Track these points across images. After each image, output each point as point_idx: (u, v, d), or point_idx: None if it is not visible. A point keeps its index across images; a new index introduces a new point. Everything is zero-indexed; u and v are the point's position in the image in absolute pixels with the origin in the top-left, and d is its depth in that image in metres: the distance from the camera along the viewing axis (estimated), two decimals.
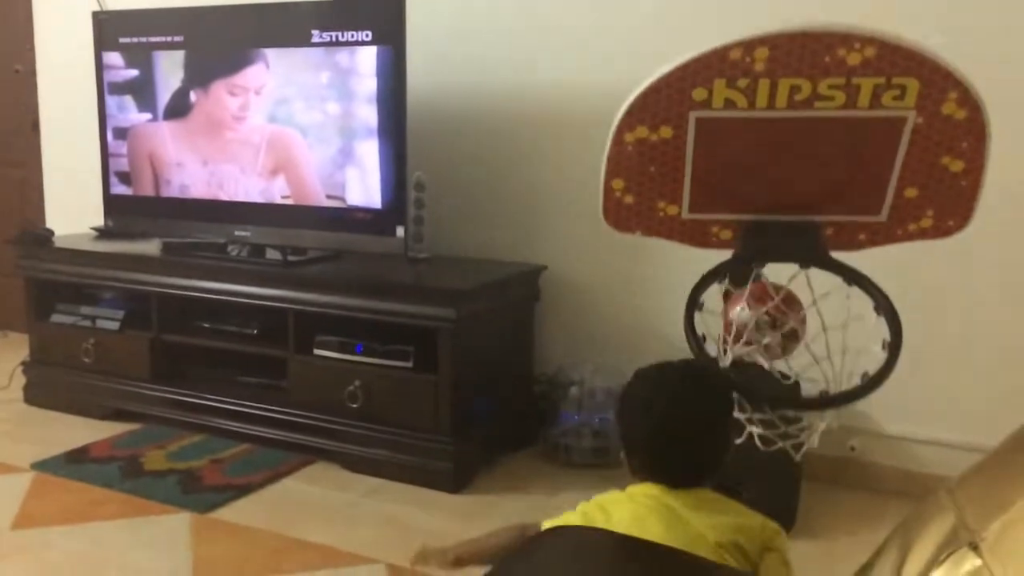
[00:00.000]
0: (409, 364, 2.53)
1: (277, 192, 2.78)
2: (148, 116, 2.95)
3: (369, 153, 2.61)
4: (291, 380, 2.69)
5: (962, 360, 2.38)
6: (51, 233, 3.21)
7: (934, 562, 0.71)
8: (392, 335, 2.56)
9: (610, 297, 2.81)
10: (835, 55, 1.27)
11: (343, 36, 2.60)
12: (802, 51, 1.28)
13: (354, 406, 2.57)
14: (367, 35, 2.57)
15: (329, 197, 2.69)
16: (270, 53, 2.71)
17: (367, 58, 2.57)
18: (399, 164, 2.57)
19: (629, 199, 1.56)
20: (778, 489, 2.15)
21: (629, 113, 1.42)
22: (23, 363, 3.16)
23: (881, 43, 1.25)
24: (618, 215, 1.61)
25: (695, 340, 1.53)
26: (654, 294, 2.74)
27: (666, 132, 1.42)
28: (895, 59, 1.27)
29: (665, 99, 1.38)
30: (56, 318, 3.10)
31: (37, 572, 2.00)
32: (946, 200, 1.46)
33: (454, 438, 2.47)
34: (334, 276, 2.67)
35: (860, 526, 2.27)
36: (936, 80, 1.29)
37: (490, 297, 2.64)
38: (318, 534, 2.19)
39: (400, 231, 2.60)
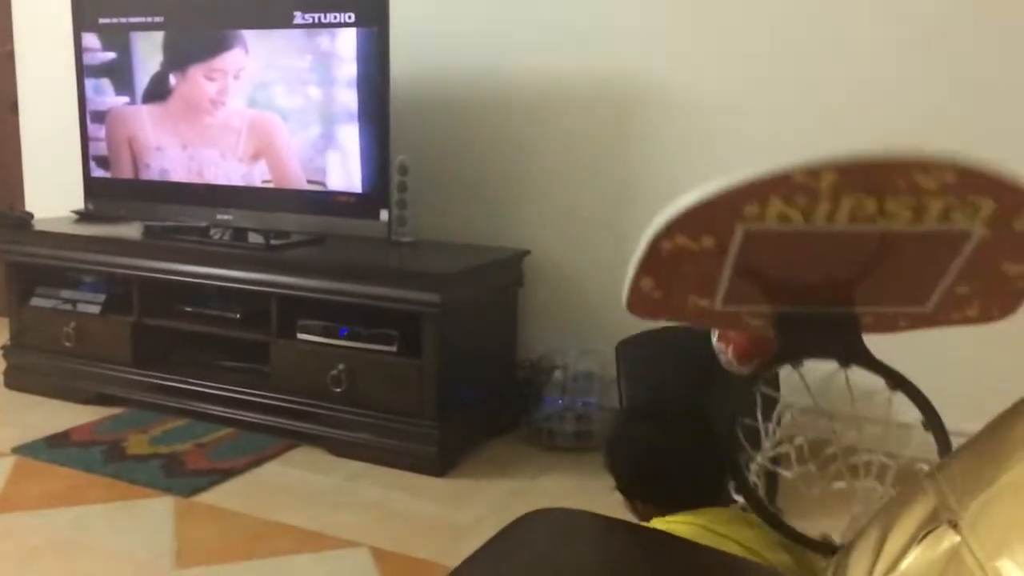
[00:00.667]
0: (393, 348, 2.52)
1: (258, 177, 2.76)
2: (126, 99, 2.92)
3: (351, 137, 2.60)
4: (274, 364, 2.69)
5: (944, 346, 2.41)
6: (31, 216, 3.17)
7: (913, 540, 0.72)
8: (375, 319, 2.55)
9: (594, 282, 2.82)
10: (910, 179, 1.17)
11: (325, 18, 2.58)
12: (875, 175, 1.16)
13: (338, 390, 2.56)
14: (350, 16, 2.55)
15: (310, 182, 2.68)
16: (250, 36, 2.69)
17: (349, 40, 2.55)
18: (382, 148, 2.56)
19: (658, 295, 1.47)
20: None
21: (669, 227, 1.31)
22: (3, 347, 3.13)
23: (962, 169, 1.14)
24: (644, 307, 1.51)
25: (744, 480, 1.39)
26: None
27: (708, 242, 1.31)
28: (974, 183, 1.17)
29: (710, 214, 1.26)
30: (36, 302, 3.07)
31: (18, 556, 1.99)
32: (996, 295, 1.39)
33: (438, 422, 2.47)
34: (317, 260, 2.66)
35: (841, 509, 2.29)
36: (1012, 198, 1.19)
37: (474, 282, 2.64)
38: (302, 518, 2.19)
39: (384, 215, 2.59)
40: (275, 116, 2.70)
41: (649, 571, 1.04)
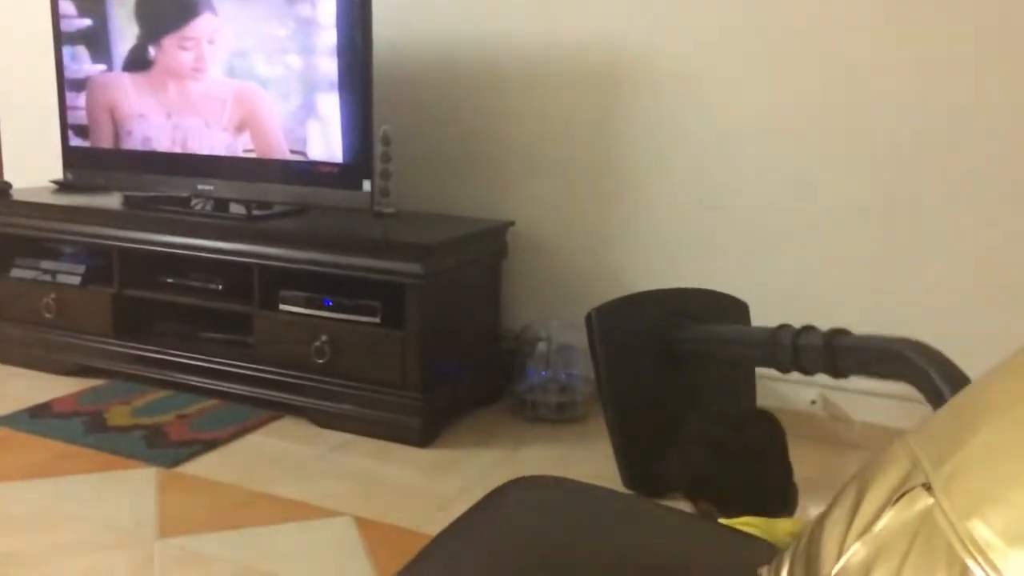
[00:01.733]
0: (376, 319, 2.52)
1: (241, 147, 2.73)
2: (103, 67, 2.88)
3: (333, 107, 2.58)
4: (257, 336, 2.68)
5: (921, 316, 2.43)
6: (9, 186, 3.13)
7: (887, 503, 0.73)
8: (358, 290, 2.55)
9: (577, 254, 2.82)
10: None
11: None
12: None
13: (321, 361, 2.56)
14: None
15: (293, 152, 2.66)
16: (225, 1, 2.65)
17: (330, 7, 2.52)
18: (365, 117, 2.54)
19: None
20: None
21: None
22: None
23: None
24: None
25: None
26: (621, 251, 2.75)
27: None
28: None
29: None
30: (16, 273, 3.04)
31: (1, 527, 1.99)
32: None
33: (421, 393, 2.48)
34: (299, 231, 2.65)
35: (820, 475, 2.32)
36: None
37: (458, 253, 2.63)
38: (285, 488, 2.20)
39: (367, 185, 2.57)
40: (258, 86, 2.67)
41: (630, 536, 1.05)
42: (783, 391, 2.56)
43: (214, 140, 2.76)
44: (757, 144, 2.55)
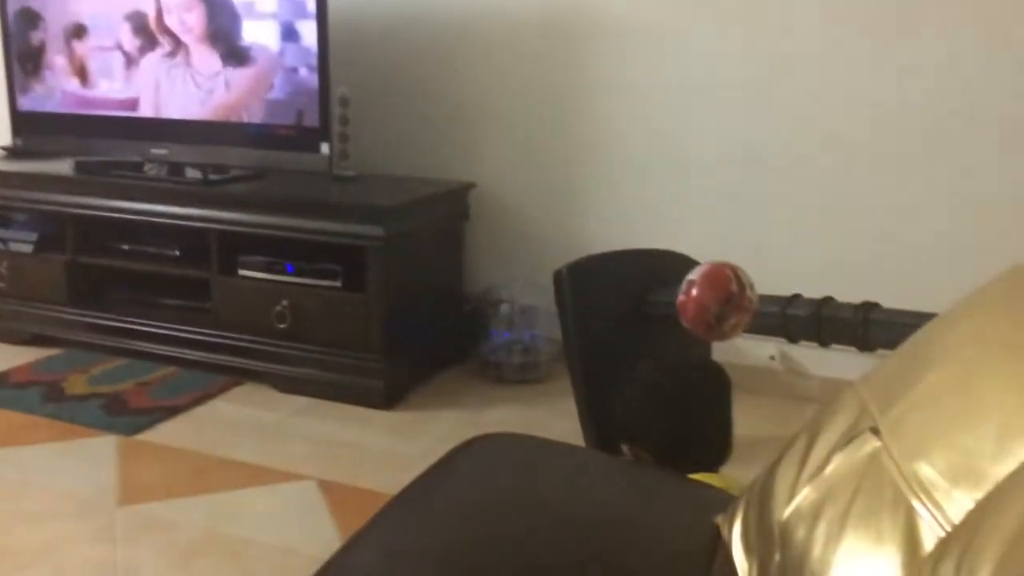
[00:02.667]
0: (338, 283, 2.50)
1: (197, 111, 2.68)
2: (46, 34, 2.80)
3: (289, 66, 2.53)
4: (216, 301, 2.65)
5: (879, 271, 2.46)
6: None
7: (837, 447, 0.75)
8: (319, 254, 2.52)
9: (539, 214, 2.82)
10: None
11: None
12: None
13: (282, 326, 2.54)
14: None
15: (249, 115, 2.61)
16: None
17: None
18: (322, 78, 2.50)
19: None
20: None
21: None
22: None
23: None
24: None
25: None
26: (583, 211, 2.76)
27: None
28: None
29: None
30: None
31: None
32: None
33: (385, 356, 2.47)
34: (257, 194, 2.61)
35: (777, 429, 2.36)
36: None
37: (419, 215, 2.62)
38: (249, 453, 2.19)
39: (325, 148, 2.54)
40: (211, 50, 2.61)
41: (589, 489, 1.07)
42: (742, 346, 2.59)
43: (170, 104, 2.70)
44: (718, 105, 2.55)
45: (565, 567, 0.89)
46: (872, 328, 1.79)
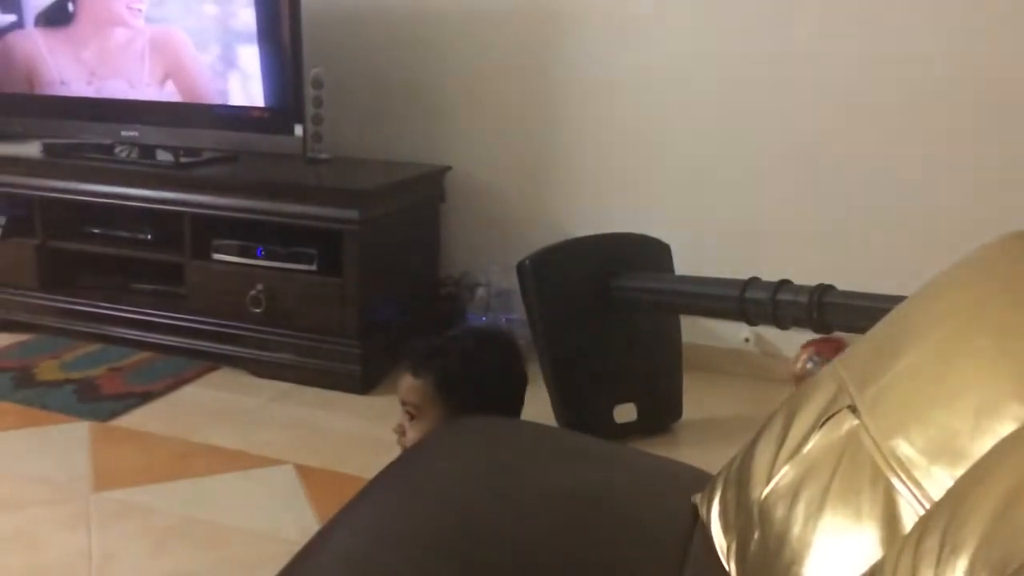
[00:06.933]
0: (313, 267, 2.48)
1: (165, 93, 2.64)
2: (12, 18, 2.74)
3: (263, 48, 2.50)
4: (189, 286, 2.62)
5: (850, 256, 2.48)
6: None
7: (815, 426, 0.75)
8: (294, 238, 2.50)
9: (515, 198, 2.81)
10: None
11: None
12: None
13: (257, 311, 2.52)
14: None
15: (219, 96, 2.58)
16: None
17: None
18: (295, 60, 2.47)
19: None
20: (662, 383, 2.26)
21: None
22: None
23: None
24: None
25: None
26: (560, 194, 2.75)
27: None
28: None
29: None
30: None
31: None
32: None
33: (360, 340, 2.46)
34: (230, 178, 2.58)
35: (753, 410, 2.38)
36: None
37: (394, 198, 2.60)
38: (225, 438, 2.17)
39: (298, 130, 2.51)
40: (179, 30, 2.57)
41: (567, 468, 1.07)
42: (716, 329, 2.60)
43: (138, 87, 2.66)
44: (689, 89, 2.55)
45: (545, 546, 0.89)
46: (826, 311, 1.82)
